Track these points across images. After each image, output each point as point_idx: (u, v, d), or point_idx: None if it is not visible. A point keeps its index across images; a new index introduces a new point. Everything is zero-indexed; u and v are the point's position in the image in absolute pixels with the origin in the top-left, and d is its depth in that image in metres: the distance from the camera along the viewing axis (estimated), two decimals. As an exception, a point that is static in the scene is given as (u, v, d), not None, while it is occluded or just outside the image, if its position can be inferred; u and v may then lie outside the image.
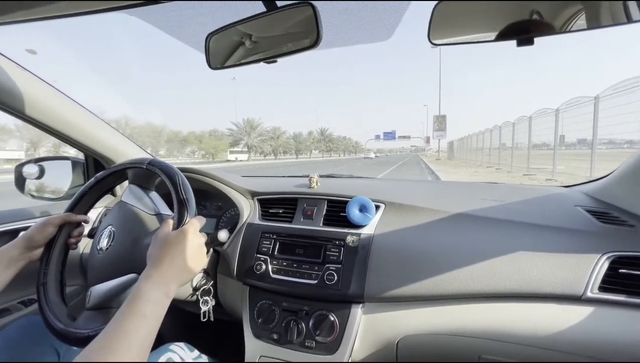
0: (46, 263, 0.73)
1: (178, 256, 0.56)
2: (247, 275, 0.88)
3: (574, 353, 0.66)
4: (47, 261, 0.73)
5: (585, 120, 7.83)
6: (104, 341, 0.45)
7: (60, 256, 0.75)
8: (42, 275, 0.72)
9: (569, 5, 0.56)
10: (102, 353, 0.43)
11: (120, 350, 0.44)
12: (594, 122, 7.30)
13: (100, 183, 0.81)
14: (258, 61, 0.74)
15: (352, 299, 0.79)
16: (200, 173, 1.03)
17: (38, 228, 0.72)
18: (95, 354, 0.43)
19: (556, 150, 8.99)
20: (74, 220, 0.77)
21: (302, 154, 69.07)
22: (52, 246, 0.74)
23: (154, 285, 0.52)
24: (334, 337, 0.79)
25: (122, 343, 0.45)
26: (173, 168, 0.71)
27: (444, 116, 36.30)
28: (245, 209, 1.00)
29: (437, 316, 0.75)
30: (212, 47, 0.78)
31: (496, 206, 0.87)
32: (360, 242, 0.82)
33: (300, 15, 0.66)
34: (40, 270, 0.73)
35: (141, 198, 0.78)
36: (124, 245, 0.71)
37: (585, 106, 7.80)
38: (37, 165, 1.13)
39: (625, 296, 0.63)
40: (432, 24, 0.58)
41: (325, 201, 0.94)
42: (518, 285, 0.69)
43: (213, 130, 52.68)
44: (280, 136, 59.23)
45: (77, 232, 0.79)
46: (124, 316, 0.48)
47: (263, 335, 0.85)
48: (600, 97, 7.18)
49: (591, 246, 0.69)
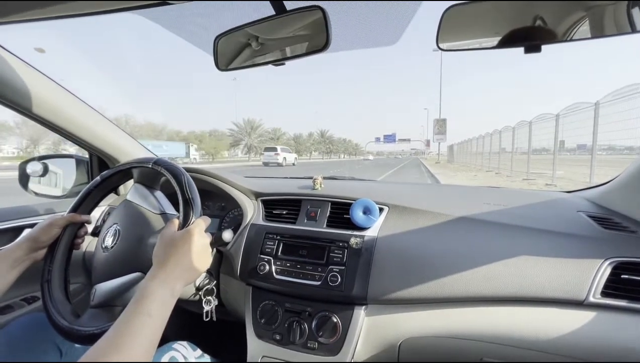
0: (50, 261, 0.73)
1: (184, 256, 0.57)
2: (251, 275, 0.89)
3: (574, 358, 0.66)
4: (51, 259, 0.74)
5: (586, 125, 7.83)
6: (111, 340, 0.45)
7: (64, 255, 0.76)
8: (46, 273, 0.72)
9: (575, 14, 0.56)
10: (109, 352, 0.43)
11: (126, 349, 0.44)
12: (593, 128, 7.30)
13: (105, 182, 0.81)
14: (266, 63, 0.75)
15: (355, 301, 0.80)
16: (204, 173, 1.04)
17: (43, 228, 0.72)
18: (102, 353, 0.44)
19: (556, 155, 9.00)
20: (79, 220, 0.77)
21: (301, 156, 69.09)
22: (56, 246, 0.74)
23: (160, 285, 0.52)
24: (336, 338, 0.79)
25: (128, 342, 0.45)
26: (179, 167, 0.72)
27: (444, 120, 36.36)
28: (249, 209, 1.01)
29: (439, 319, 0.76)
30: (220, 49, 0.78)
31: (499, 211, 0.88)
32: (363, 244, 0.82)
33: (309, 18, 0.66)
34: (44, 267, 0.73)
35: (146, 197, 0.78)
36: (129, 243, 0.72)
37: (585, 111, 7.80)
38: (41, 163, 1.13)
39: (628, 302, 0.64)
40: (441, 29, 0.59)
41: (329, 203, 0.94)
42: (521, 289, 0.69)
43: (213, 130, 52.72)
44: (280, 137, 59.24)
45: (82, 232, 0.79)
46: (130, 316, 0.48)
47: (265, 335, 0.85)
48: (601, 103, 7.18)
49: (593, 252, 0.69)
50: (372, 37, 0.97)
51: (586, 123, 7.75)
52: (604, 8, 0.53)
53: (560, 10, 0.55)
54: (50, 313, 0.66)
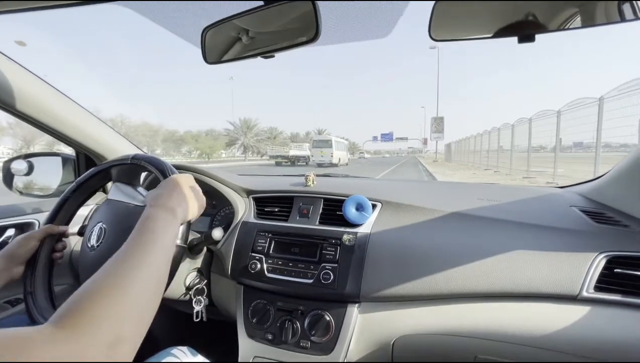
0: (31, 274, 0.70)
1: (176, 189, 0.59)
2: (242, 274, 0.87)
3: (569, 353, 0.65)
4: (32, 272, 0.70)
5: (585, 123, 7.72)
6: (121, 255, 0.43)
7: (45, 266, 0.73)
8: (28, 285, 0.69)
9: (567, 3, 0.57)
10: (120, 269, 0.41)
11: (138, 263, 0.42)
12: (598, 124, 7.13)
13: (83, 186, 0.79)
14: (255, 56, 0.73)
15: (348, 299, 0.78)
16: (194, 170, 1.02)
17: (19, 242, 0.69)
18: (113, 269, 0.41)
19: (557, 152, 8.88)
20: (56, 231, 0.74)
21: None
22: (36, 259, 0.71)
23: (158, 209, 0.53)
24: (329, 337, 0.78)
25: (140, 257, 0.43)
26: (159, 158, 0.71)
27: (441, 118, 36.46)
28: (240, 207, 0.99)
29: (433, 316, 0.75)
30: (208, 42, 0.77)
31: (492, 206, 0.87)
32: (356, 241, 0.81)
33: (299, 10, 0.65)
34: (25, 278, 0.70)
35: (129, 193, 0.77)
36: (115, 240, 0.70)
37: (586, 108, 7.63)
38: (26, 161, 1.10)
39: (621, 296, 0.64)
40: (433, 19, 0.58)
41: (321, 200, 0.93)
42: (514, 284, 0.68)
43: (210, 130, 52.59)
44: (277, 136, 59.15)
45: (59, 246, 0.75)
46: (134, 235, 0.47)
47: (257, 335, 0.84)
48: (605, 98, 6.99)
49: (587, 246, 0.69)
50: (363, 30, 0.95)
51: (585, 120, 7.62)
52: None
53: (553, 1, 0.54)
54: (37, 320, 0.64)
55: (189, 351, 0.74)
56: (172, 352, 0.71)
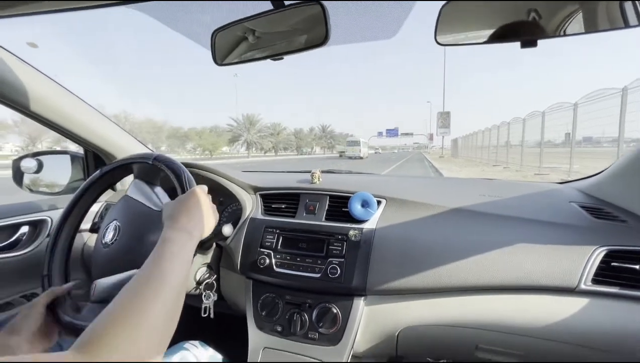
0: (50, 254, 0.74)
1: (193, 208, 0.60)
2: (251, 268, 0.90)
3: (567, 343, 0.68)
4: (51, 252, 0.74)
5: (599, 116, 7.43)
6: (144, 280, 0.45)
7: (64, 250, 0.76)
8: (46, 267, 0.73)
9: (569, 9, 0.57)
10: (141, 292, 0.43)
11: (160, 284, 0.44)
12: (620, 117, 6.86)
13: (106, 176, 0.82)
14: (264, 58, 0.75)
15: (355, 292, 0.81)
16: (202, 168, 1.05)
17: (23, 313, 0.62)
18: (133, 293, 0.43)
19: (573, 147, 8.48)
20: (59, 293, 0.68)
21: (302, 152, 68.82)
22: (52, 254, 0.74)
23: (178, 232, 0.54)
24: (336, 328, 0.81)
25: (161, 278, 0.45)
26: (179, 164, 0.73)
27: (448, 113, 36.00)
28: (248, 204, 1.01)
29: (436, 308, 0.77)
30: (218, 44, 0.79)
31: (494, 202, 0.89)
32: (362, 236, 0.83)
33: (308, 12, 0.66)
34: (44, 261, 0.74)
35: (146, 193, 0.79)
36: (129, 239, 0.72)
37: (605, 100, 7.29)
38: (35, 159, 1.12)
39: (618, 289, 0.66)
40: (439, 24, 0.59)
41: (327, 197, 0.95)
42: (514, 277, 0.71)
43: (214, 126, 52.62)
44: (280, 132, 58.90)
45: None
46: (157, 257, 0.49)
47: (266, 327, 0.87)
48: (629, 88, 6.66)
49: (585, 240, 0.71)
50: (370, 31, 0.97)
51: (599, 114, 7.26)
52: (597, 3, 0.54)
53: (556, 6, 0.55)
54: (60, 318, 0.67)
55: (200, 345, 0.77)
56: (184, 345, 0.74)
